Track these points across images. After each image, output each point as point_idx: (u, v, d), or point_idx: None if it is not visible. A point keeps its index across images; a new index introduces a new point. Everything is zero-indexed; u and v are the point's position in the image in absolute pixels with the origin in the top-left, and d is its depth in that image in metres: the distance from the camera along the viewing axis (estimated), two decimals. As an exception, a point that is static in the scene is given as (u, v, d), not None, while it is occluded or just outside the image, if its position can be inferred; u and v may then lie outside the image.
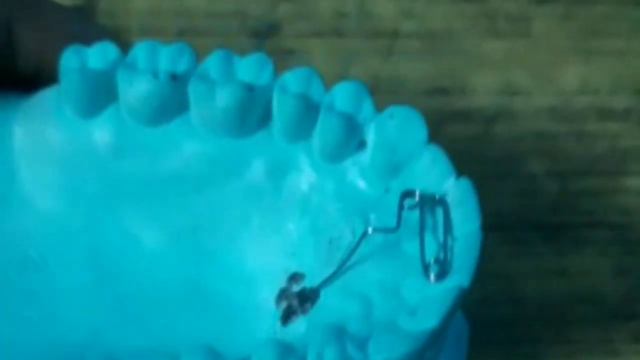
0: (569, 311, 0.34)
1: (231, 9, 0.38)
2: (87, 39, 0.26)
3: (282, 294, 0.25)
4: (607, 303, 0.34)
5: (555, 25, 0.38)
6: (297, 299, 0.24)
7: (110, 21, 0.37)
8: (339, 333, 0.22)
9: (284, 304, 0.24)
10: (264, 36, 0.37)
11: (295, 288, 0.25)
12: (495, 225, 0.35)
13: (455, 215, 0.24)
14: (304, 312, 0.24)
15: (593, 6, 0.39)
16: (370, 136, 0.25)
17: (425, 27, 0.38)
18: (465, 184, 0.24)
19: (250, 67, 0.25)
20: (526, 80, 0.37)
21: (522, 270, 0.34)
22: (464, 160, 0.35)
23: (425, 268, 0.23)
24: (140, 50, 0.25)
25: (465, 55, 0.38)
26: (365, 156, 0.25)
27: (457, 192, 0.24)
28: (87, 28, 0.29)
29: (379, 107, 0.26)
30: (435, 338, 0.22)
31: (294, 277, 0.25)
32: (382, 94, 0.36)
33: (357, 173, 0.25)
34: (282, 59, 0.36)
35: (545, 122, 0.37)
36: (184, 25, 0.37)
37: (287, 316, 0.24)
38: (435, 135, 0.35)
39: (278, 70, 0.25)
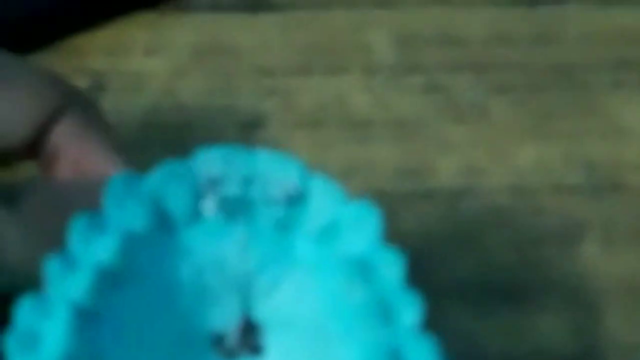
0: (529, 368, 0.37)
1: (222, 104, 0.42)
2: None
3: (232, 353, 0.28)
4: (564, 359, 0.37)
5: (512, 111, 0.42)
6: (245, 343, 0.28)
7: (114, 117, 0.41)
8: None
9: (244, 352, 0.28)
10: (252, 127, 0.41)
11: (232, 340, 0.28)
12: (459, 292, 0.38)
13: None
14: (261, 333, 0.28)
15: (546, 92, 0.43)
16: None
17: (396, 115, 0.42)
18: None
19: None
20: (486, 161, 0.41)
21: (484, 332, 0.37)
22: (432, 235, 0.39)
23: None
24: None
25: (431, 140, 0.41)
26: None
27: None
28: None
29: (356, 189, 0.30)
30: None
31: (218, 340, 0.28)
32: (358, 177, 0.41)
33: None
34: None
35: (504, 198, 0.40)
36: (180, 120, 0.42)
37: (256, 350, 0.28)
38: (405, 212, 0.40)
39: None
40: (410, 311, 0.26)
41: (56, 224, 0.28)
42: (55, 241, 0.27)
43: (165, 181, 0.27)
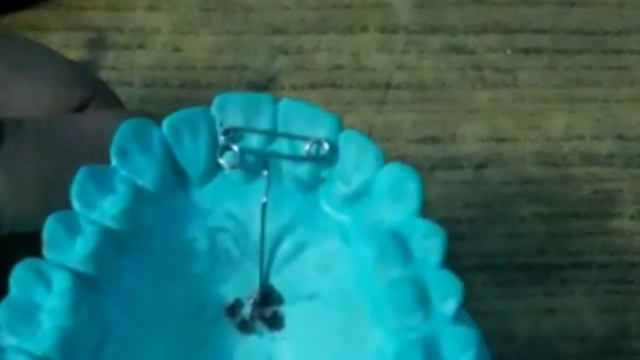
0: (558, 349, 0.35)
1: (231, 63, 0.39)
2: None
3: (246, 323, 0.25)
4: (595, 340, 0.35)
5: (539, 75, 0.40)
6: (260, 311, 0.25)
7: (115, 75, 0.39)
8: None
9: (259, 323, 0.25)
10: (263, 88, 0.39)
11: (248, 309, 0.25)
12: (485, 267, 0.36)
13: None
14: (280, 304, 0.25)
15: (576, 56, 0.41)
16: None
17: (417, 78, 0.40)
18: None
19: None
20: (513, 128, 0.39)
21: (512, 310, 0.35)
22: (455, 205, 0.37)
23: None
24: None
25: (454, 105, 0.39)
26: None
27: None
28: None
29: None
30: None
31: (232, 308, 0.25)
32: (377, 142, 0.38)
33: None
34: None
35: (532, 167, 0.38)
36: (186, 79, 0.39)
37: (273, 322, 0.25)
38: (427, 181, 0.37)
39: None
40: (450, 298, 0.23)
41: (44, 167, 0.25)
42: (44, 187, 0.25)
43: (179, 131, 0.24)
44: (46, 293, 0.22)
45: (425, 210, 0.31)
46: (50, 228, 0.23)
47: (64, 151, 0.26)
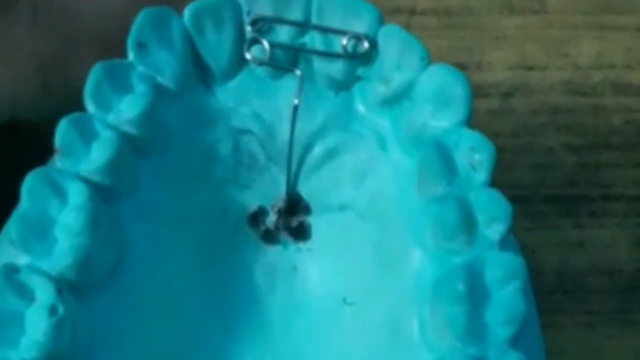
0: (587, 282, 0.34)
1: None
2: None
3: (269, 233, 0.24)
4: (624, 274, 0.34)
5: (569, 1, 0.39)
6: (285, 220, 0.23)
7: None
8: None
9: (284, 233, 0.24)
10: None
11: (272, 218, 0.23)
12: (512, 198, 0.35)
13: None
14: (307, 213, 0.23)
15: (606, -18, 0.39)
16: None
17: (442, 3, 0.38)
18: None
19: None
20: (541, 55, 0.37)
21: (540, 242, 0.34)
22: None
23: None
24: None
25: (481, 31, 0.38)
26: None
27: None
28: None
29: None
30: None
31: (255, 216, 0.24)
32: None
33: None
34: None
35: (561, 96, 0.37)
36: None
37: (299, 232, 0.23)
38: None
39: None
40: (497, 221, 0.21)
41: (42, 46, 0.23)
42: (42, 68, 0.23)
43: (202, 20, 0.22)
44: (61, 206, 0.20)
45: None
46: (63, 133, 0.21)
47: (64, 29, 0.23)
